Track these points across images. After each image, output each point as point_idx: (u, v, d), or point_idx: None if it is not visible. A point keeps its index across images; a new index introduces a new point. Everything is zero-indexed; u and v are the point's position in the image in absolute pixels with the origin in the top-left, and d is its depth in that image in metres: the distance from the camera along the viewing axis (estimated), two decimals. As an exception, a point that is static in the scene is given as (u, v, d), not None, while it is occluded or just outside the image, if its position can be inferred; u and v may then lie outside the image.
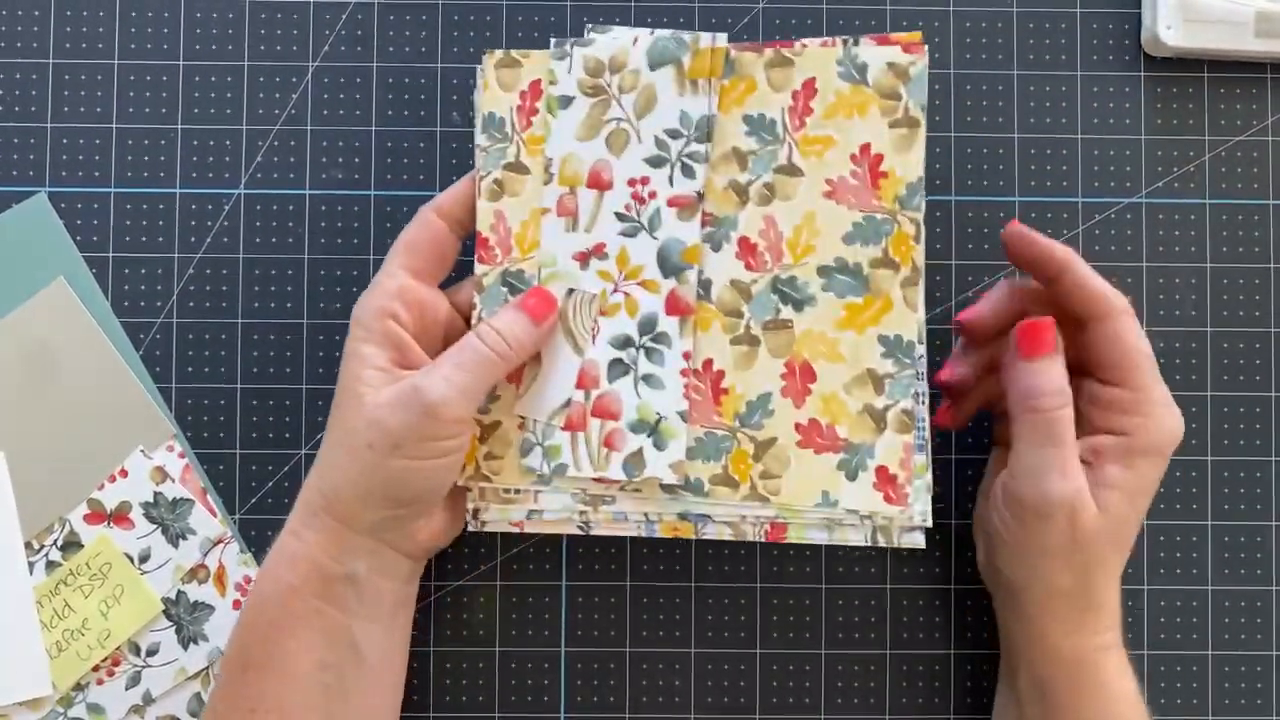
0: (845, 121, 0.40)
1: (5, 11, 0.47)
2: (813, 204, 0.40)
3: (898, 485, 0.40)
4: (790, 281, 0.40)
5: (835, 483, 0.40)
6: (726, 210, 0.41)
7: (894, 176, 0.40)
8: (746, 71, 0.41)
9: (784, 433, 0.40)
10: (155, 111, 0.47)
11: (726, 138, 0.41)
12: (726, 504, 0.41)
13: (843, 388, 0.40)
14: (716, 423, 0.41)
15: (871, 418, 0.40)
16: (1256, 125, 0.48)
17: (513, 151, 0.42)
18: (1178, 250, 0.48)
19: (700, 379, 0.41)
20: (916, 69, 0.40)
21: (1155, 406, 0.39)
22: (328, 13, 0.48)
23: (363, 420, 0.37)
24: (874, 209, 0.40)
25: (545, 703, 0.46)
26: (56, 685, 0.45)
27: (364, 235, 0.47)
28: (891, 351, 0.40)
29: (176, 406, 0.47)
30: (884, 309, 0.40)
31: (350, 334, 0.40)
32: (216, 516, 0.46)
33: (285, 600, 0.38)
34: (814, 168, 0.40)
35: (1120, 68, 0.48)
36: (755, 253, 0.41)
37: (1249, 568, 0.47)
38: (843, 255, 0.40)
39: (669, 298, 0.41)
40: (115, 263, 0.47)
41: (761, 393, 0.40)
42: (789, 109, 0.40)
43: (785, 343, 0.40)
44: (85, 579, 0.46)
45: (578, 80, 0.42)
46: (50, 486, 0.46)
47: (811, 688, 0.47)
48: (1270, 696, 0.47)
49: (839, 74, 0.40)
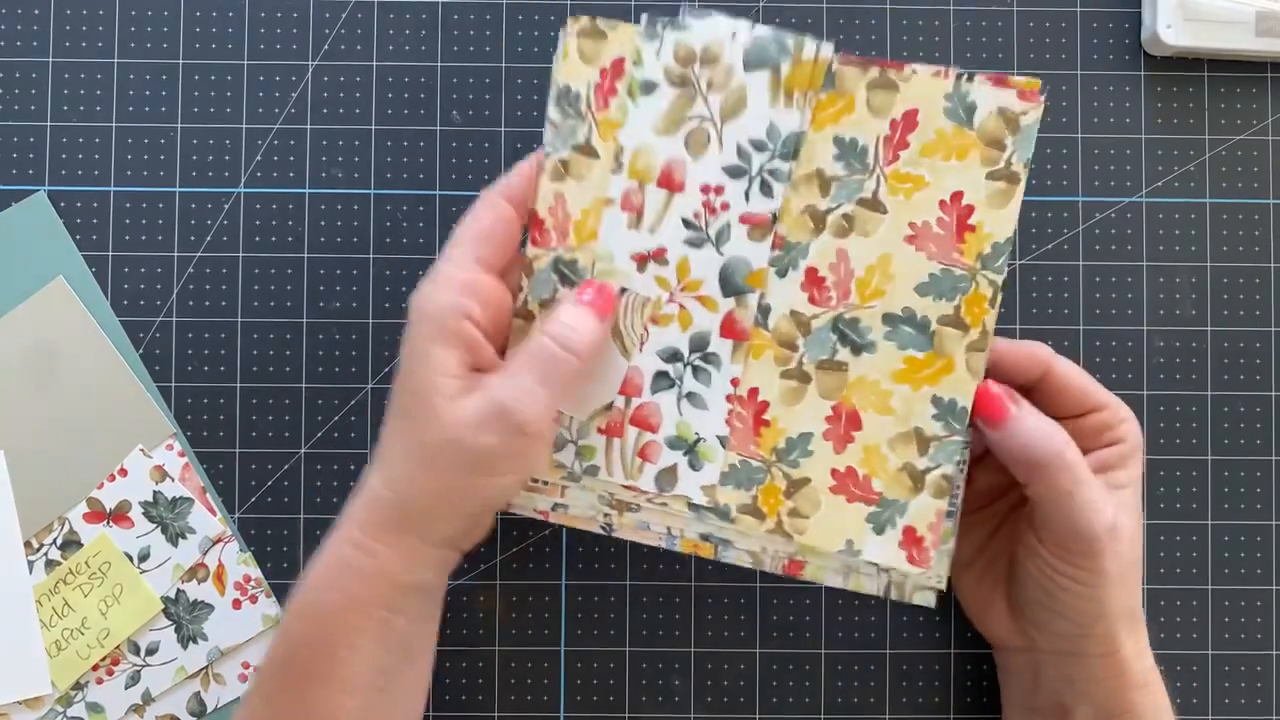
0: (941, 164, 0.38)
1: (5, 11, 0.47)
2: (891, 246, 0.38)
3: (923, 547, 0.39)
4: (853, 323, 0.38)
5: (861, 533, 0.39)
6: (799, 236, 0.39)
7: (982, 232, 0.38)
8: (847, 88, 0.38)
9: (819, 475, 0.39)
10: (155, 111, 0.47)
11: (812, 158, 0.38)
12: (750, 534, 0.40)
13: (887, 442, 0.38)
14: (753, 453, 0.39)
15: (910, 477, 0.38)
16: (1256, 125, 0.48)
17: (584, 132, 0.39)
18: (1178, 250, 0.47)
19: (744, 407, 0.39)
20: (1028, 120, 0.37)
21: (1122, 408, 0.40)
22: (328, 12, 0.48)
23: (446, 439, 0.35)
24: (954, 263, 0.38)
25: (545, 702, 0.46)
26: (56, 684, 0.45)
27: (364, 235, 0.47)
28: (943, 415, 0.38)
29: (176, 405, 0.47)
30: (944, 370, 0.38)
31: (415, 329, 0.37)
32: (216, 515, 0.46)
33: (349, 613, 0.36)
34: (899, 207, 0.38)
35: (1120, 67, 0.48)
36: (821, 286, 0.39)
37: (1249, 568, 0.47)
38: (912, 306, 0.38)
39: (726, 319, 0.39)
40: (115, 261, 0.47)
41: (803, 431, 0.39)
42: (884, 138, 0.38)
43: (836, 386, 0.39)
44: (85, 578, 0.46)
45: (665, 67, 0.38)
46: (50, 485, 0.46)
47: (811, 688, 0.46)
48: (1270, 696, 0.47)
49: (944, 110, 0.37)
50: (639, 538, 0.41)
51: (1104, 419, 0.40)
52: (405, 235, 0.47)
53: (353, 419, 0.47)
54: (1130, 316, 0.47)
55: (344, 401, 0.47)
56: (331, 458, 0.47)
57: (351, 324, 0.47)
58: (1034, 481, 0.38)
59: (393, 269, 0.47)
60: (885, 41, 0.48)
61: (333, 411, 0.47)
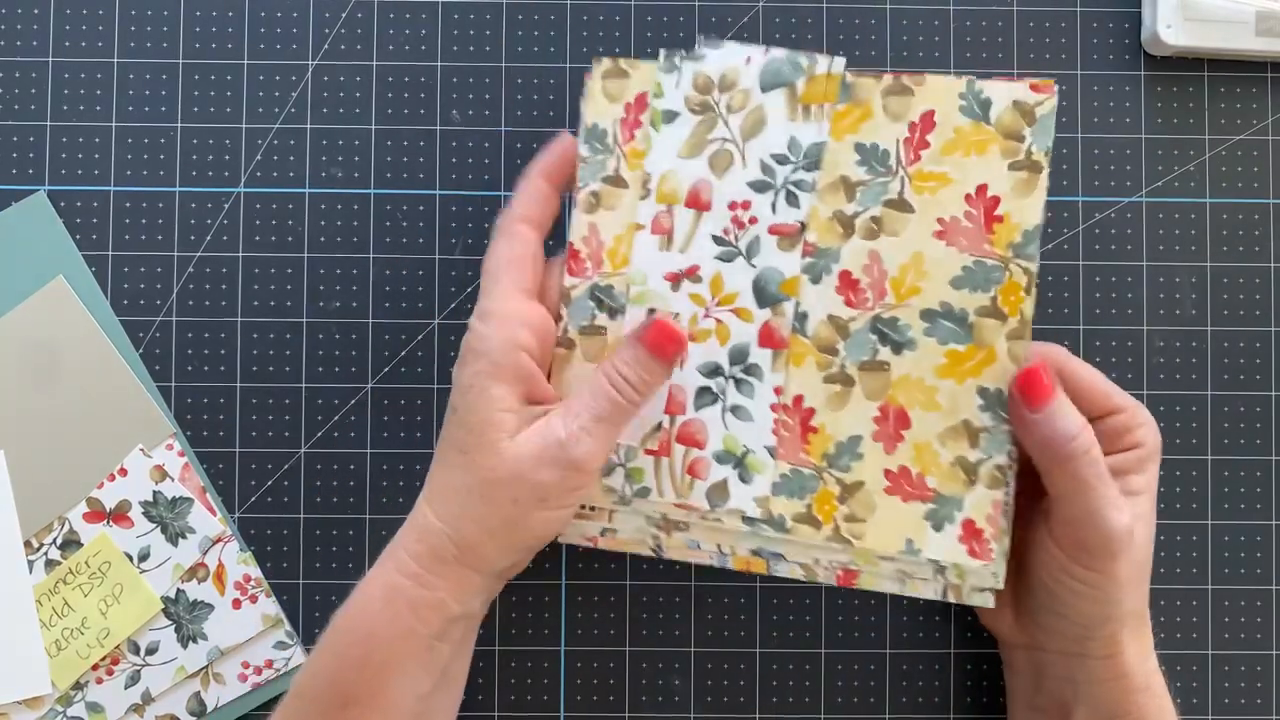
0: (963, 159, 0.38)
1: (5, 11, 0.47)
2: (921, 243, 0.39)
3: (983, 540, 0.38)
4: (891, 323, 0.39)
5: (920, 532, 0.38)
6: (829, 242, 0.39)
7: (1010, 222, 0.38)
8: (863, 97, 0.39)
9: (872, 477, 0.39)
10: (155, 110, 0.47)
11: (836, 165, 0.39)
12: (808, 543, 0.39)
13: (936, 437, 0.38)
14: (803, 460, 0.39)
15: (964, 470, 0.38)
16: (1256, 125, 0.48)
17: (612, 164, 0.41)
18: (1178, 250, 0.47)
19: (790, 415, 0.39)
20: (1043, 110, 0.38)
21: (1141, 411, 0.40)
22: (328, 12, 0.48)
23: (507, 474, 0.36)
24: (986, 254, 0.38)
25: (545, 702, 0.46)
26: (56, 684, 0.45)
27: (364, 234, 0.47)
28: (990, 405, 0.38)
29: (176, 405, 0.47)
30: (986, 360, 0.38)
31: (471, 367, 0.38)
32: (216, 515, 0.46)
33: (401, 641, 0.37)
34: (926, 205, 0.39)
35: (1120, 67, 0.48)
36: (856, 289, 0.39)
37: (1249, 568, 0.47)
38: (949, 300, 0.38)
39: (763, 329, 0.39)
40: (115, 261, 0.47)
41: (852, 435, 0.39)
42: (904, 140, 0.39)
43: (881, 386, 0.39)
44: (84, 578, 0.46)
45: (685, 96, 0.40)
46: (49, 485, 0.46)
47: (811, 688, 0.46)
48: (1270, 696, 0.47)
49: (960, 108, 0.38)
50: (690, 557, 0.41)
51: (1122, 422, 0.39)
52: (405, 235, 0.47)
53: (352, 419, 0.47)
54: (1130, 316, 0.47)
55: (344, 401, 0.47)
56: (331, 458, 0.47)
57: (351, 324, 0.47)
58: (1058, 473, 0.37)
59: (393, 269, 0.47)
60: (885, 42, 0.48)
61: (333, 411, 0.47)
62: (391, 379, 0.47)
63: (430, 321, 0.47)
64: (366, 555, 0.47)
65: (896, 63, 0.48)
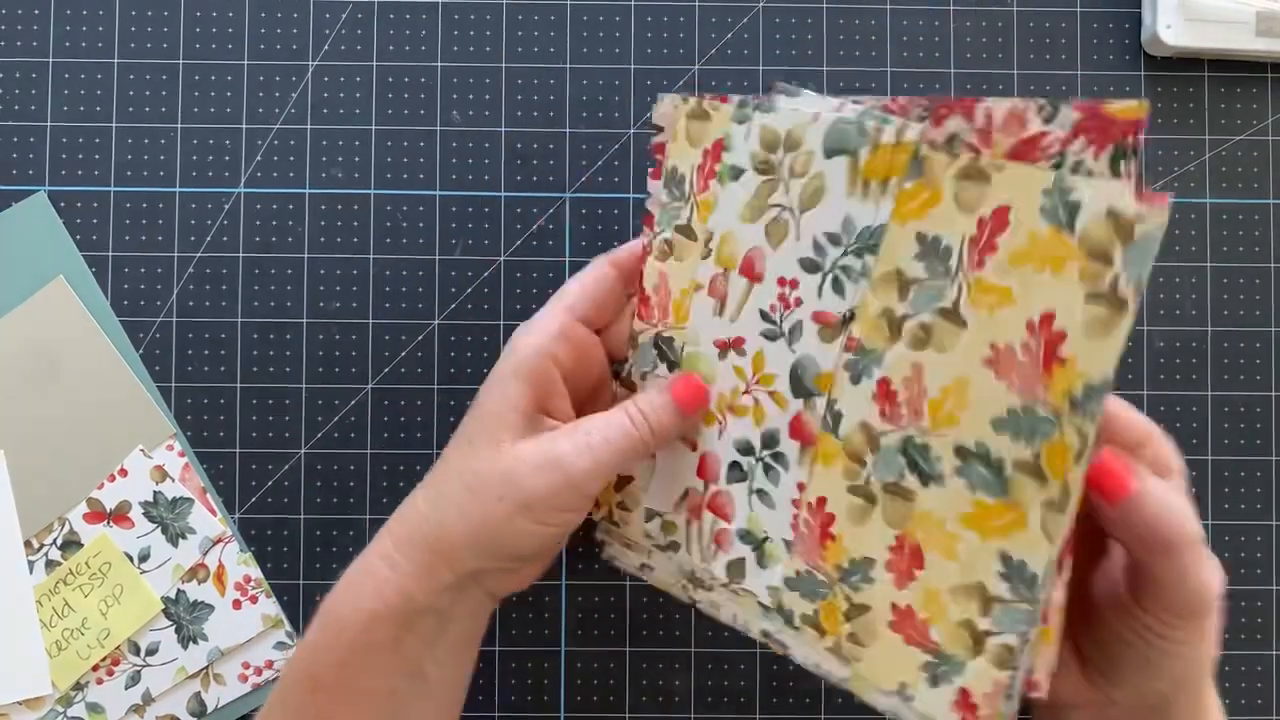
0: (1033, 275, 0.30)
1: (5, 11, 0.47)
2: (969, 368, 0.32)
3: (976, 714, 0.33)
4: (923, 450, 0.33)
5: (916, 680, 0.34)
6: (875, 342, 0.34)
7: (1073, 368, 0.30)
8: (935, 176, 0.32)
9: (879, 606, 0.35)
10: (155, 110, 0.47)
11: (894, 255, 0.33)
12: (810, 647, 0.37)
13: (948, 590, 0.33)
14: (818, 565, 0.36)
15: (970, 635, 0.33)
16: (1256, 125, 0.48)
17: (686, 214, 0.39)
18: (1178, 250, 0.47)
19: (812, 515, 0.36)
20: (1144, 230, 0.28)
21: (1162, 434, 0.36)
22: (328, 12, 0.48)
23: (497, 471, 0.36)
24: (1038, 399, 0.30)
25: (545, 702, 0.46)
26: (56, 684, 0.45)
27: (364, 234, 0.47)
28: (1011, 576, 0.32)
29: (176, 405, 0.47)
30: (1016, 524, 0.32)
31: (501, 362, 0.38)
32: (216, 516, 0.46)
33: (366, 627, 0.37)
34: (981, 323, 0.32)
35: (1120, 67, 0.48)
36: (894, 401, 0.34)
37: (1249, 567, 0.47)
38: (987, 442, 0.32)
39: (794, 420, 0.37)
40: (115, 262, 0.47)
41: (866, 555, 0.35)
42: (970, 239, 0.32)
43: (902, 514, 0.34)
44: (85, 578, 0.46)
45: (751, 152, 0.37)
46: (50, 485, 0.46)
47: (811, 688, 0.46)
48: (1270, 696, 0.47)
49: (1041, 208, 0.30)
50: (717, 616, 0.40)
51: (1155, 453, 0.36)
52: (405, 235, 0.47)
53: (352, 419, 0.47)
54: (1130, 316, 0.47)
55: (344, 401, 0.47)
56: (331, 458, 0.47)
57: (351, 324, 0.47)
58: (1162, 562, 0.33)
59: (393, 269, 0.47)
60: (885, 42, 0.48)
61: (333, 411, 0.47)
62: (391, 379, 0.47)
63: (430, 321, 0.47)
64: (367, 555, 0.47)
65: (897, 63, 0.48)
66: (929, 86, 0.48)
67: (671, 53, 0.48)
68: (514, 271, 0.47)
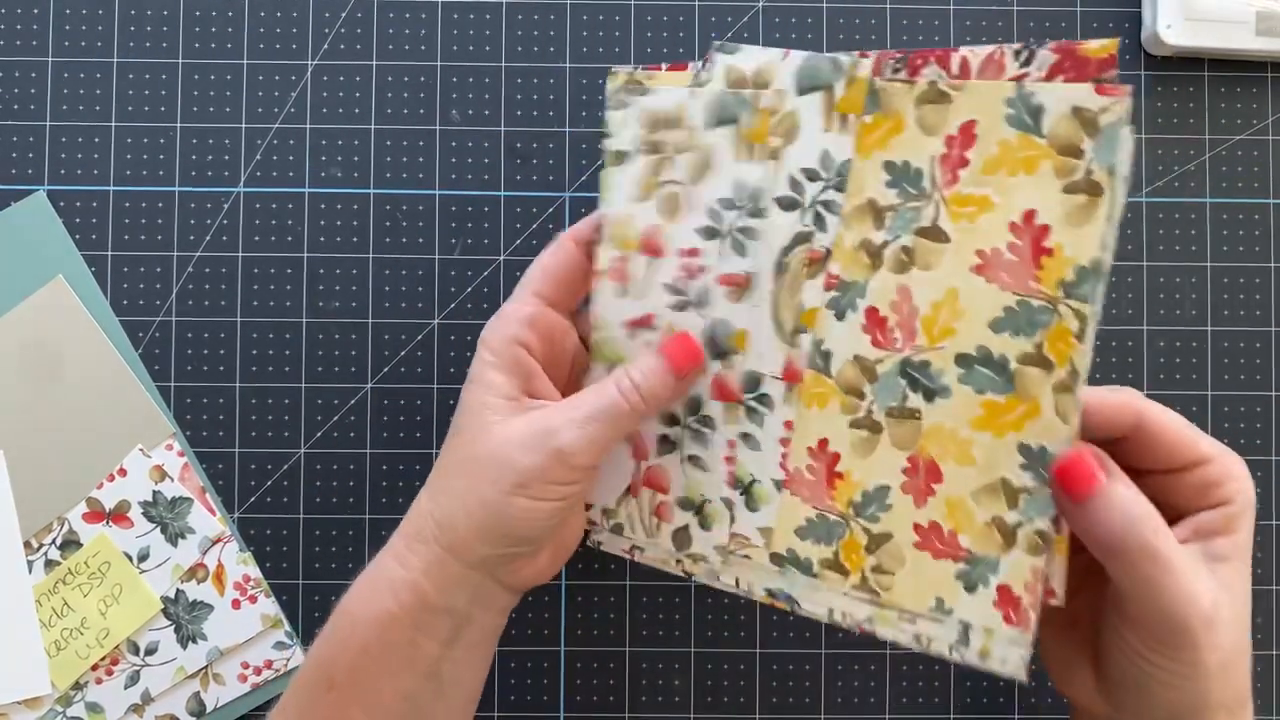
0: (1008, 180, 0.32)
1: (5, 11, 0.47)
2: (958, 279, 0.34)
3: (1021, 608, 0.34)
4: (922, 367, 0.34)
5: (953, 591, 0.35)
6: (855, 274, 0.35)
7: (1061, 255, 0.32)
8: (894, 107, 0.34)
9: (901, 530, 0.35)
10: (154, 110, 0.47)
11: (863, 187, 0.35)
12: (832, 590, 0.37)
13: (971, 495, 0.34)
14: (829, 506, 0.36)
15: (1000, 532, 0.34)
16: (1257, 125, 0.48)
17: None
18: (1178, 250, 0.47)
19: (815, 458, 0.36)
20: (1109, 118, 0.31)
21: (1231, 460, 0.35)
22: (327, 11, 0.48)
23: (489, 453, 0.36)
24: (1032, 293, 0.33)
25: (545, 703, 0.46)
26: (55, 684, 0.45)
27: (363, 234, 0.47)
28: (1033, 464, 0.33)
29: (175, 405, 0.47)
30: (1030, 414, 0.33)
31: (478, 356, 0.38)
32: (215, 515, 0.46)
33: (380, 627, 0.36)
34: (964, 234, 0.33)
35: (1120, 66, 0.48)
36: (884, 328, 0.35)
37: (1249, 568, 0.47)
38: (987, 344, 0.33)
39: (714, 381, 0.38)
40: (114, 261, 0.47)
41: (879, 484, 0.35)
42: (940, 158, 0.33)
43: (910, 435, 0.35)
44: (84, 578, 0.46)
45: (634, 135, 0.38)
46: (49, 485, 0.46)
47: (811, 688, 0.46)
48: (1270, 696, 0.46)
49: (1007, 117, 0.32)
50: (717, 585, 0.40)
51: (1209, 475, 0.34)
52: (405, 235, 0.47)
53: (352, 419, 0.47)
54: (1130, 316, 0.47)
55: (344, 401, 0.47)
56: (331, 458, 0.47)
57: (351, 324, 0.47)
58: (1120, 571, 0.32)
59: (392, 269, 0.47)
60: (885, 42, 0.48)
61: (332, 411, 0.47)
62: (391, 379, 0.47)
63: (430, 321, 0.47)
64: (366, 555, 0.47)
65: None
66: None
67: (671, 52, 0.48)
68: (514, 271, 0.47)
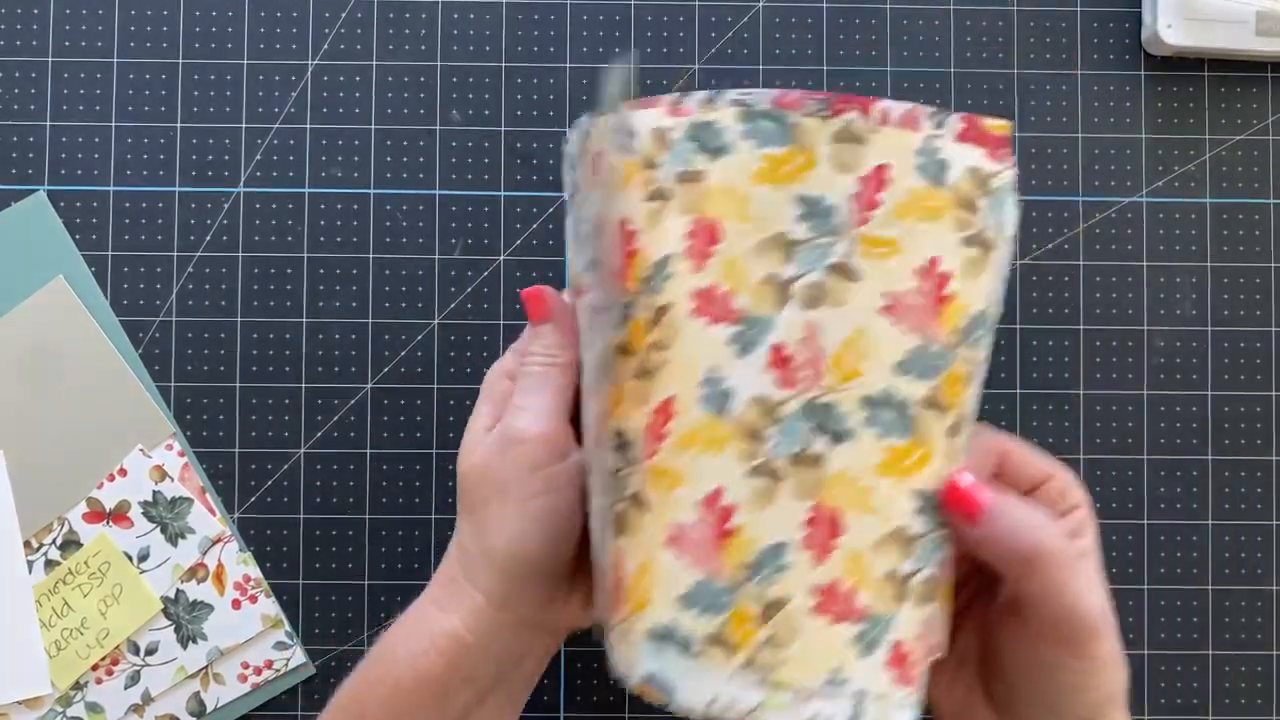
0: (916, 225, 0.33)
1: (5, 11, 0.47)
2: (866, 319, 0.33)
3: (909, 664, 0.32)
4: (828, 409, 0.33)
5: (848, 658, 0.32)
6: (761, 309, 0.33)
7: (957, 303, 0.33)
8: (808, 142, 0.33)
9: (798, 593, 0.32)
10: (154, 110, 0.47)
11: (772, 220, 0.33)
12: (712, 674, 0.32)
13: (871, 547, 0.32)
14: (718, 570, 0.32)
15: (894, 585, 0.32)
16: (1257, 125, 0.48)
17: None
18: (1178, 250, 0.47)
19: (705, 513, 0.33)
20: (998, 182, 0.33)
21: (1068, 472, 0.36)
22: (328, 12, 0.48)
23: (474, 476, 0.37)
24: (932, 338, 0.33)
25: (545, 703, 0.46)
26: (55, 684, 0.45)
27: (363, 234, 0.47)
28: (925, 509, 0.33)
29: (175, 405, 0.47)
30: (924, 459, 0.33)
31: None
32: (215, 515, 0.46)
33: (419, 671, 0.36)
34: (874, 274, 0.33)
35: (1121, 67, 0.48)
36: (789, 366, 0.33)
37: (1249, 568, 0.47)
38: (891, 387, 0.33)
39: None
40: (114, 261, 0.47)
41: (777, 541, 0.32)
42: (854, 195, 0.33)
43: (813, 483, 0.33)
44: (84, 578, 0.46)
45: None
46: (49, 485, 0.46)
47: (811, 688, 0.46)
48: (1270, 696, 0.46)
49: (917, 167, 0.33)
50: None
51: (1058, 487, 0.36)
52: (405, 235, 0.47)
53: (352, 419, 0.47)
54: (1130, 316, 0.47)
55: (344, 401, 0.47)
56: (331, 458, 0.47)
57: (351, 324, 0.47)
58: (1025, 578, 0.33)
59: (392, 269, 0.47)
60: (885, 42, 0.48)
61: (332, 411, 0.47)
62: (391, 379, 0.47)
63: (430, 321, 0.47)
64: (366, 555, 0.47)
65: (897, 62, 0.48)
66: (929, 86, 0.48)
67: (671, 52, 0.48)
68: (514, 271, 0.47)
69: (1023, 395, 0.47)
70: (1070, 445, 0.47)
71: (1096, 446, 0.47)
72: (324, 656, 0.47)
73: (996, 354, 0.47)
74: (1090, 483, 0.47)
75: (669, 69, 0.48)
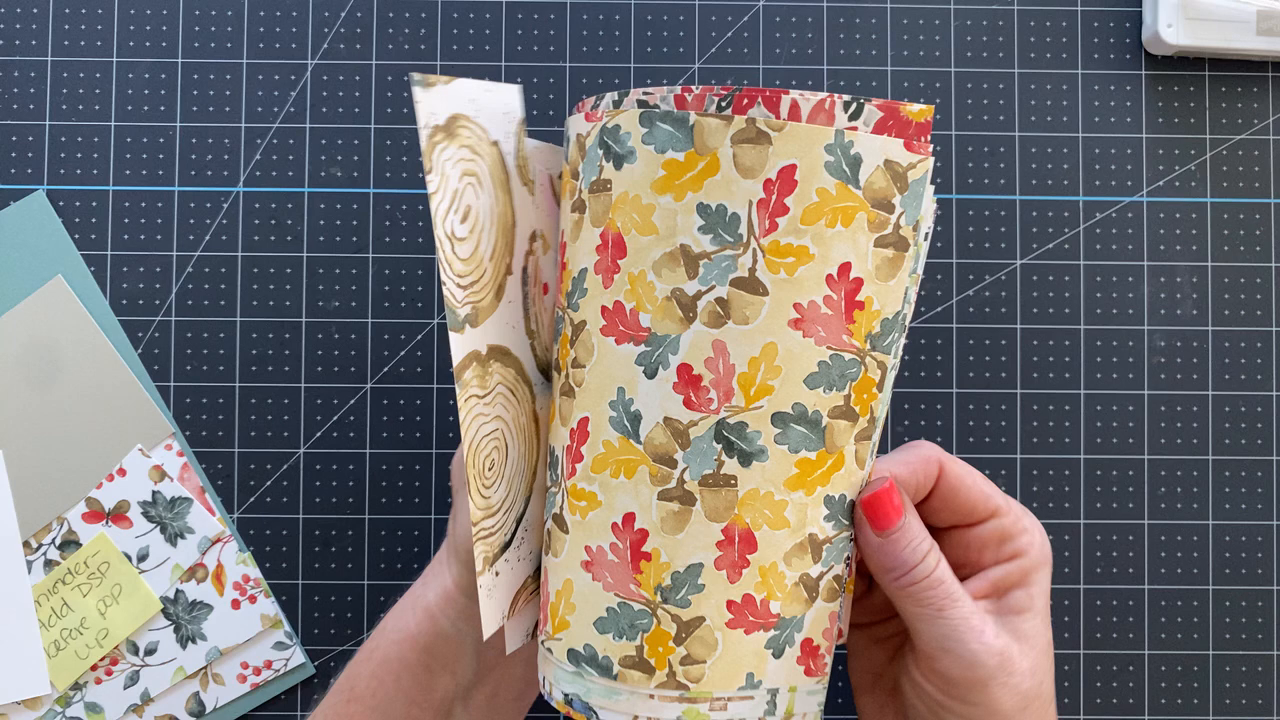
0: (826, 231, 0.30)
1: (5, 11, 0.47)
2: (775, 333, 0.31)
3: (819, 655, 0.33)
4: (739, 429, 0.31)
5: (761, 663, 0.32)
6: (667, 328, 0.31)
7: (870, 309, 0.31)
8: (709, 145, 0.30)
9: (713, 612, 0.32)
10: (154, 109, 0.47)
11: (674, 231, 0.31)
12: (633, 696, 0.32)
13: (783, 557, 0.32)
14: (633, 594, 0.32)
15: (805, 588, 0.32)
16: (1257, 124, 0.48)
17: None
18: (1178, 250, 0.47)
19: (619, 537, 0.32)
20: (915, 175, 0.31)
21: (1025, 516, 0.35)
22: (327, 10, 0.48)
23: (456, 463, 0.38)
24: (844, 346, 0.31)
25: (545, 702, 0.46)
26: (55, 684, 0.45)
27: (363, 234, 0.47)
28: (834, 513, 0.32)
29: (175, 405, 0.47)
30: (835, 467, 0.32)
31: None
32: (215, 515, 0.46)
33: (402, 645, 0.37)
34: (781, 286, 0.31)
35: (1121, 66, 0.48)
36: (698, 386, 0.31)
37: (1249, 568, 0.47)
38: (803, 401, 0.31)
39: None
40: (114, 261, 0.47)
41: (691, 563, 0.31)
42: (758, 203, 0.30)
43: (726, 504, 0.31)
44: (83, 578, 0.46)
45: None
46: (48, 485, 0.46)
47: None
48: (1270, 696, 0.46)
49: (826, 165, 0.30)
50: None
51: (1004, 527, 0.34)
52: (405, 235, 0.47)
53: (352, 419, 0.47)
54: (1130, 316, 0.47)
55: (343, 401, 0.47)
56: (331, 458, 0.47)
57: (351, 324, 0.47)
58: (902, 599, 0.33)
59: (392, 269, 0.47)
60: (885, 42, 0.48)
61: (332, 411, 0.47)
62: (391, 379, 0.47)
63: (430, 321, 0.47)
64: (366, 555, 0.47)
65: (897, 62, 0.48)
66: (929, 86, 0.48)
67: (671, 52, 0.48)
68: (514, 271, 0.47)
69: (1023, 395, 0.47)
70: (1070, 445, 0.47)
71: (1096, 446, 0.47)
72: (324, 656, 0.47)
73: (998, 353, 0.47)
74: (1090, 483, 0.47)
75: (669, 69, 0.48)
